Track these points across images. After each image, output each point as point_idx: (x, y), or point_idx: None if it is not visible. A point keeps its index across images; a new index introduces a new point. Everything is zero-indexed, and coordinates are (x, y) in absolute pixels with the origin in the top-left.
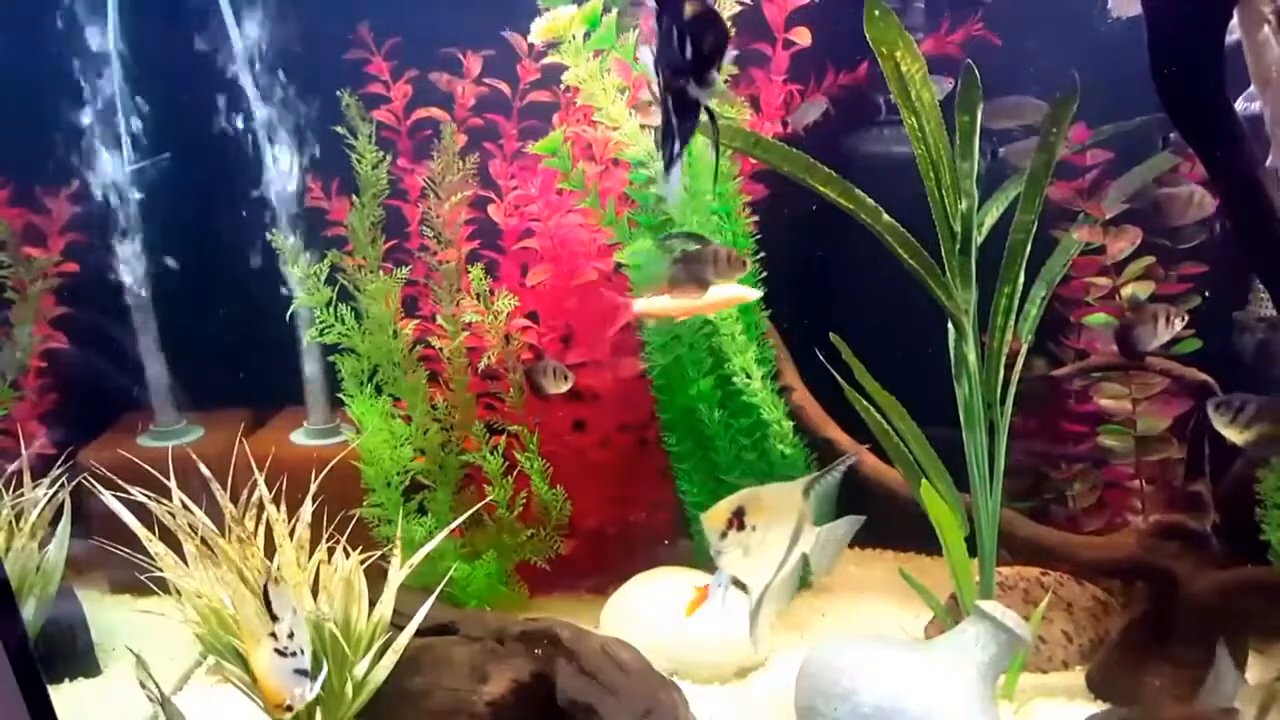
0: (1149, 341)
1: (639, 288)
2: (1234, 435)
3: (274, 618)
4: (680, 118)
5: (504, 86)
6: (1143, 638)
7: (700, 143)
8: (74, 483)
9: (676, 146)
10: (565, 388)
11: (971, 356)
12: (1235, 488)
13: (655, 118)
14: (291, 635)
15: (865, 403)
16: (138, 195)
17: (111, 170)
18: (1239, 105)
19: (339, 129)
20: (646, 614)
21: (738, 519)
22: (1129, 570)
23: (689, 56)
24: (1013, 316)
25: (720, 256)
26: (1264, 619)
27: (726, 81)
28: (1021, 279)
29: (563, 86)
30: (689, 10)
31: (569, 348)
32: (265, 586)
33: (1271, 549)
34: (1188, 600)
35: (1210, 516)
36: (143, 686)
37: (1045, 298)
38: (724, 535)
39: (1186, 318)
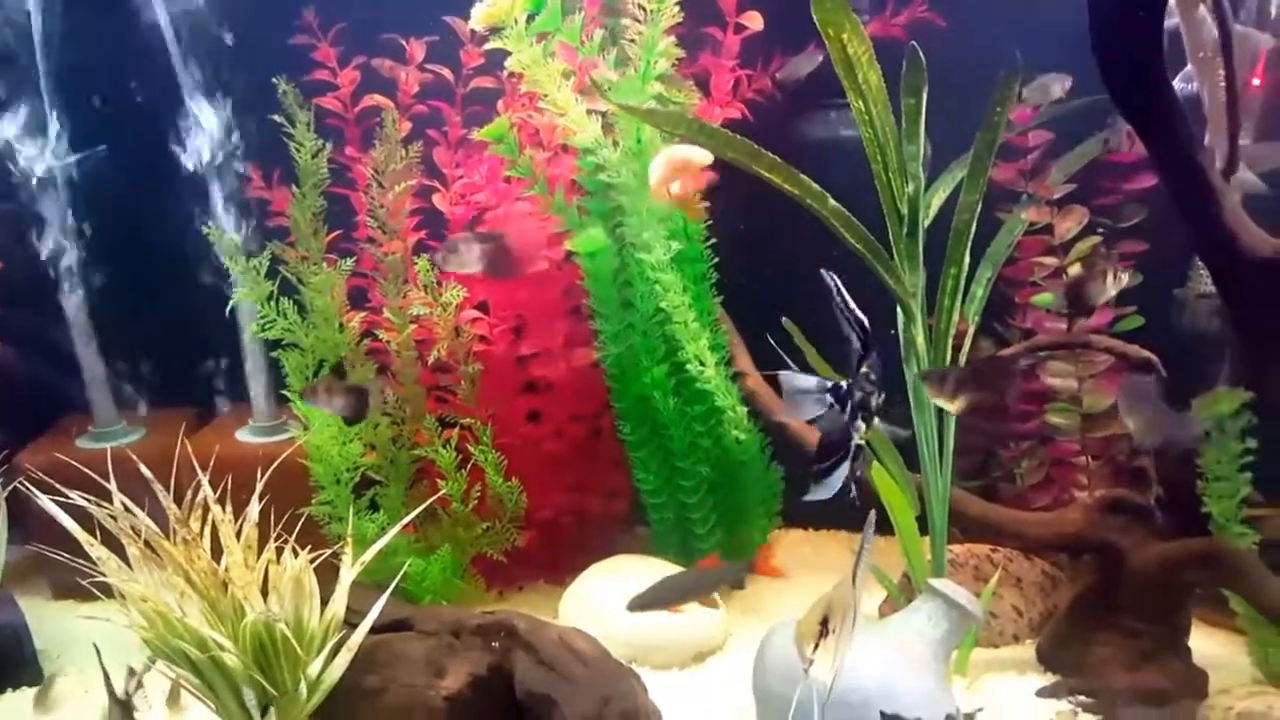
0: (1098, 297)
1: None
2: (946, 405)
3: None
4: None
5: (447, 73)
6: (1090, 610)
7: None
8: (9, 487)
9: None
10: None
11: (920, 339)
12: (1178, 462)
13: (601, 103)
14: None
15: None
16: (70, 189)
17: (43, 163)
18: (1177, 85)
19: (276, 117)
20: (605, 603)
21: (824, 627)
22: (1076, 545)
23: None
24: (959, 298)
25: None
26: (1206, 589)
27: (673, 65)
28: (967, 260)
29: (506, 72)
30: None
31: (521, 338)
32: None
33: (1213, 520)
34: (1133, 572)
35: (1154, 490)
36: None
37: (991, 278)
38: (816, 647)
39: (1128, 276)
